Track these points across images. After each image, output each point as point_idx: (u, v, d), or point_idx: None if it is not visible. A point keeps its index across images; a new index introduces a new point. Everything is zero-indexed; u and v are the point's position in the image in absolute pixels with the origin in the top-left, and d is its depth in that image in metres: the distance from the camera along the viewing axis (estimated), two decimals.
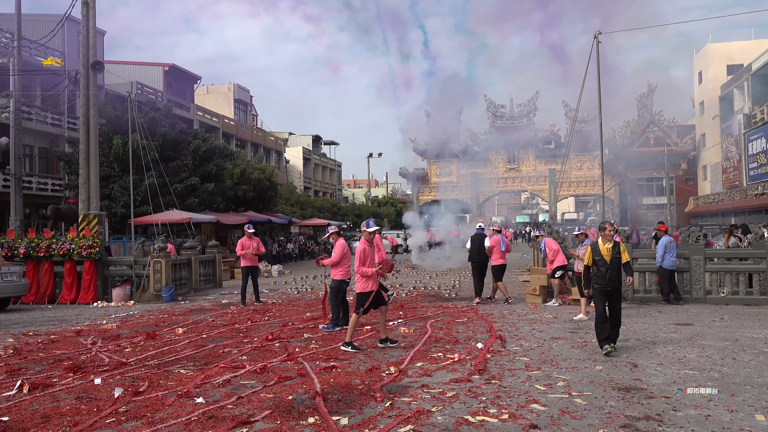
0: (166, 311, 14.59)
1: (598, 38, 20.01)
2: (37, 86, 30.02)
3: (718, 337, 9.76)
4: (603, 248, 8.78)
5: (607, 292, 8.76)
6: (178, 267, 18.41)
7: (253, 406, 6.25)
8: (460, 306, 14.09)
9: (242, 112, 55.86)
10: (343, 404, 6.23)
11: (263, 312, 13.79)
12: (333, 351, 9.01)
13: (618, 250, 8.75)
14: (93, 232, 17.78)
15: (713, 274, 14.25)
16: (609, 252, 8.73)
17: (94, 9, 18.47)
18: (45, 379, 7.53)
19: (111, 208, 26.45)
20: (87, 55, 18.56)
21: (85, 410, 6.20)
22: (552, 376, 7.33)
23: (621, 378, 7.17)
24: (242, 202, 34.91)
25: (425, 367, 7.84)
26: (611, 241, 8.86)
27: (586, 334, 10.12)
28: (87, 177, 18.41)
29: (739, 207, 40.52)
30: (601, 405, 6.10)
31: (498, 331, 10.51)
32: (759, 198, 37.75)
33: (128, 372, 7.88)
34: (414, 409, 5.99)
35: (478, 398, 6.39)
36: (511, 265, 21.81)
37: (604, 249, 8.77)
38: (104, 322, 12.96)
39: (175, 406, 6.24)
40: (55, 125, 30.77)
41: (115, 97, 30.74)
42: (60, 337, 11.03)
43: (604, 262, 8.73)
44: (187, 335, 10.72)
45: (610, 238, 8.86)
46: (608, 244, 8.80)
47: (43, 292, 17.21)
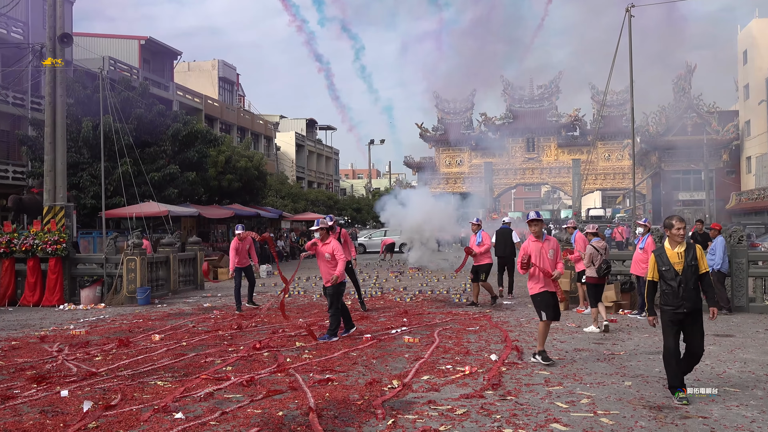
0: (141, 315, 14.62)
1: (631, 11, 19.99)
2: None
3: (762, 350, 9.77)
4: (671, 254, 7.18)
5: (681, 317, 7.15)
6: (154, 266, 18.44)
7: (239, 422, 6.26)
8: (472, 312, 14.09)
9: (228, 92, 55.91)
10: (339, 422, 6.25)
11: (250, 317, 13.82)
12: (328, 362, 9.03)
13: (693, 254, 7.13)
14: (59, 225, 17.80)
15: (758, 279, 14.23)
16: (681, 258, 7.12)
17: None
18: (5, 391, 7.55)
19: (80, 199, 26.50)
20: (54, 27, 18.56)
21: (50, 425, 6.22)
22: (575, 392, 7.34)
23: (653, 395, 7.18)
24: (227, 194, 34.99)
25: (432, 381, 7.85)
26: (682, 243, 7.27)
27: (613, 346, 10.13)
28: (53, 164, 18.43)
29: None
30: (630, 425, 6.11)
31: (514, 341, 10.51)
32: None
33: (99, 383, 7.90)
34: (420, 427, 6.00)
35: (491, 416, 6.40)
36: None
37: (674, 255, 7.17)
38: (72, 327, 12.99)
39: (152, 422, 6.26)
40: (17, 105, 30.81)
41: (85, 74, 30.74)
42: (22, 343, 11.05)
43: (674, 273, 7.11)
44: (165, 342, 10.75)
45: (680, 239, 7.26)
46: (679, 248, 7.20)
47: (2, 293, 17.24)
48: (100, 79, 24.55)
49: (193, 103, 45.69)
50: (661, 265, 7.23)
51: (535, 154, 62.12)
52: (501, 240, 16.96)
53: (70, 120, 23.86)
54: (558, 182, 63.65)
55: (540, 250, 9.09)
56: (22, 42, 30.64)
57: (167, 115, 31.43)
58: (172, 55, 46.47)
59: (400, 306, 15.44)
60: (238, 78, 59.21)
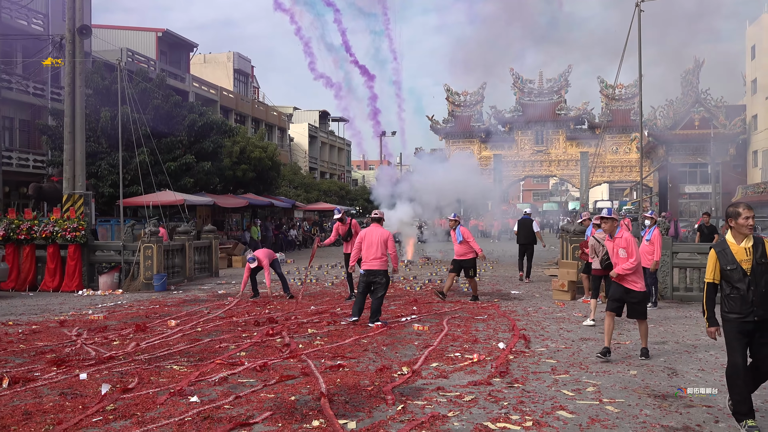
0: (158, 301, 14.71)
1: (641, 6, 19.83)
2: (18, 52, 30.15)
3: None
4: (737, 249, 5.79)
5: (750, 327, 5.68)
6: (170, 253, 18.52)
7: (252, 406, 6.30)
8: (480, 302, 14.10)
9: (242, 84, 55.89)
10: (350, 407, 6.27)
11: (263, 304, 13.88)
12: (339, 348, 9.06)
13: (763, 250, 5.75)
14: (78, 213, 17.91)
15: None
16: (749, 255, 5.74)
17: None
18: (26, 373, 7.62)
19: (98, 188, 26.62)
20: (73, 19, 18.62)
21: (69, 407, 6.28)
22: (581, 380, 7.34)
23: (658, 384, 7.17)
24: (241, 183, 35.04)
25: (441, 368, 7.86)
26: (749, 237, 5.87)
27: (619, 336, 10.11)
28: (72, 153, 18.53)
29: None
30: (635, 413, 6.10)
31: (522, 330, 10.52)
32: None
33: (116, 367, 7.96)
34: (428, 413, 6.02)
35: (499, 403, 6.41)
36: (537, 257, 21.82)
37: (740, 251, 5.78)
38: (90, 312, 13.09)
39: (168, 405, 6.31)
40: (37, 95, 30.92)
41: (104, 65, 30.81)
42: (42, 327, 11.15)
43: (741, 273, 5.70)
44: (181, 328, 10.82)
45: (748, 230, 5.88)
46: (746, 242, 5.81)
47: (23, 278, 17.39)
48: (118, 71, 24.57)
49: (209, 94, 45.70)
50: (725, 263, 5.78)
51: (543, 146, 61.79)
52: (522, 229, 18.82)
53: (88, 110, 23.94)
54: (566, 174, 63.33)
55: (613, 249, 8.88)
56: (43, 33, 30.73)
57: (183, 106, 31.47)
58: (188, 47, 46.47)
59: (410, 295, 15.49)
60: (253, 70, 59.15)
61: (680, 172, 56.65)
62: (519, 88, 61.57)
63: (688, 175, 56.87)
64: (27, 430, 5.64)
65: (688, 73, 56.08)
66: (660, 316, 12.14)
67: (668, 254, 14.37)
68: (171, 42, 44.22)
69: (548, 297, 14.98)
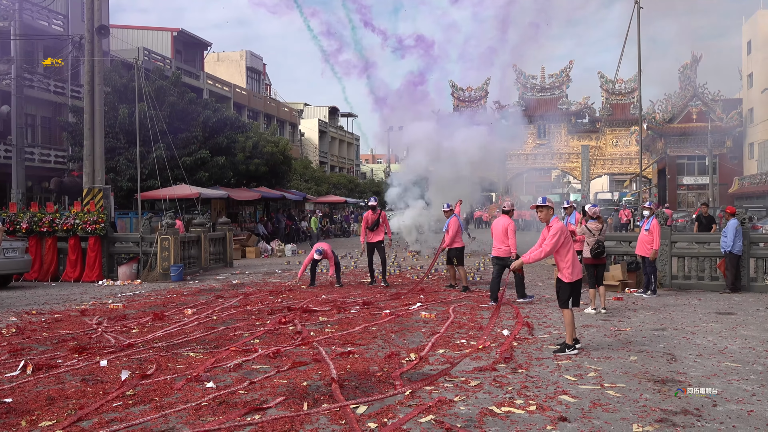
0: (175, 291, 14.75)
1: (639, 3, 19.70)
2: (40, 52, 30.22)
3: (762, 327, 9.67)
4: None
5: None
6: (186, 245, 18.57)
7: (266, 391, 6.31)
8: (485, 290, 14.07)
9: (255, 81, 55.89)
10: (360, 392, 6.27)
11: (276, 294, 13.90)
12: (349, 336, 9.07)
13: None
14: (98, 206, 17.96)
15: (759, 260, 14.07)
16: None
17: None
18: (49, 360, 7.66)
19: (117, 182, 26.72)
20: (92, 19, 18.62)
21: (90, 393, 6.30)
22: (583, 366, 7.31)
23: (657, 370, 7.14)
24: (254, 177, 35.08)
25: (447, 355, 7.86)
26: None
27: (619, 323, 10.08)
28: (92, 148, 18.57)
29: None
30: (635, 398, 6.08)
31: (525, 317, 10.49)
32: None
33: (135, 354, 7.99)
34: (436, 398, 6.01)
35: (503, 388, 6.40)
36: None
37: None
38: (110, 301, 13.14)
39: (185, 391, 6.33)
40: (58, 93, 31.01)
41: (121, 63, 30.89)
42: (64, 316, 11.21)
43: None
44: (197, 316, 10.85)
45: None
46: None
47: (46, 269, 17.47)
48: (135, 69, 24.61)
49: (222, 91, 45.71)
50: None
51: (545, 140, 61.62)
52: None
53: (107, 107, 24.00)
54: (567, 167, 63.14)
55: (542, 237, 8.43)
56: (63, 34, 30.79)
57: (198, 103, 31.53)
58: (202, 46, 46.50)
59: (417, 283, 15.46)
60: (265, 68, 59.12)
61: (678, 164, 56.55)
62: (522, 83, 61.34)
63: (686, 167, 56.73)
64: (50, 414, 5.67)
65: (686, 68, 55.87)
66: (659, 304, 12.10)
67: (667, 243, 14.30)
68: (186, 41, 44.25)
69: (551, 285, 14.89)
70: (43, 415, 5.64)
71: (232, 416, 5.52)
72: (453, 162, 25.18)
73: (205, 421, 5.44)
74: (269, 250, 26.68)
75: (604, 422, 5.39)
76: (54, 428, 5.28)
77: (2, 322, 10.70)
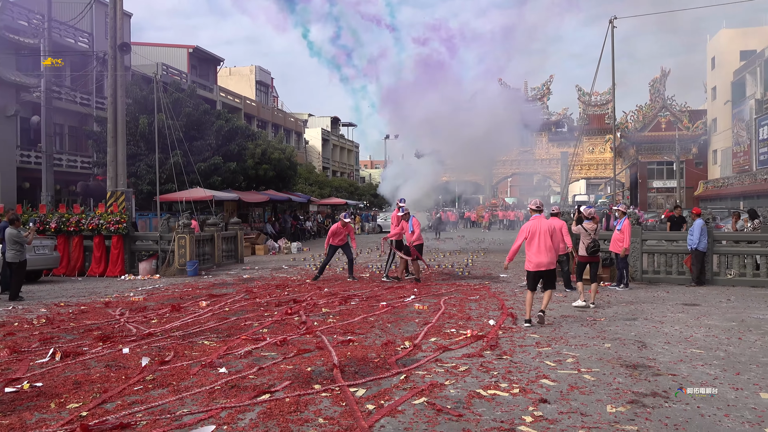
0: (190, 285, 14.74)
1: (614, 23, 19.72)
2: (67, 67, 30.15)
3: (724, 317, 9.70)
4: None
5: None
6: (201, 243, 18.55)
7: (273, 376, 6.32)
8: (473, 284, 14.09)
9: (263, 94, 55.80)
10: (359, 376, 6.28)
11: (283, 287, 13.89)
12: (349, 325, 9.07)
13: None
14: (120, 208, 17.95)
15: (722, 256, 14.11)
16: None
17: None
18: (76, 348, 7.66)
19: (137, 186, 26.66)
20: (114, 37, 18.61)
21: (114, 378, 6.30)
22: (561, 352, 7.33)
23: (629, 356, 7.16)
24: (263, 181, 35.03)
25: (439, 342, 7.86)
26: None
27: (595, 313, 10.10)
28: (114, 155, 18.55)
29: (747, 191, 40.02)
30: (609, 381, 6.10)
31: (509, 308, 10.51)
32: None
33: (154, 342, 7.99)
34: (428, 382, 6.02)
35: (489, 373, 6.41)
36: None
37: None
38: (131, 294, 13.12)
39: (200, 376, 6.33)
40: (84, 105, 30.94)
41: (142, 78, 30.82)
42: (90, 308, 11.20)
43: None
44: (211, 308, 10.84)
45: None
46: None
47: (73, 265, 17.45)
48: (154, 83, 24.57)
49: (234, 103, 45.63)
50: None
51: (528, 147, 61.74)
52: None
53: (129, 118, 23.96)
54: (548, 172, 63.27)
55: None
56: (88, 50, 30.74)
57: (212, 113, 31.47)
58: (215, 62, 46.40)
59: None
60: (272, 81, 59.03)
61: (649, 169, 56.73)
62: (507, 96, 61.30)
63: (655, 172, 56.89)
64: (77, 397, 5.67)
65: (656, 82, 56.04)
66: (631, 296, 12.12)
67: (638, 241, 14.33)
68: (200, 57, 44.17)
69: None
70: (70, 398, 5.64)
71: (243, 399, 5.53)
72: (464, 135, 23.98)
73: (218, 403, 5.45)
74: (276, 248, 26.67)
75: (581, 404, 5.40)
76: (80, 410, 5.28)
77: (33, 313, 10.70)
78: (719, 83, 51.55)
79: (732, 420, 5.01)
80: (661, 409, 5.27)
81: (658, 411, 5.21)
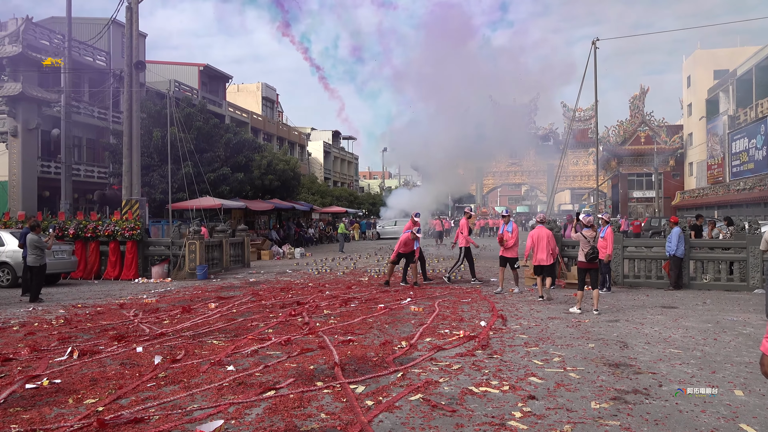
0: (200, 288, 14.71)
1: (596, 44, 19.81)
2: (86, 83, 30.19)
3: (700, 319, 9.70)
4: None
5: None
6: (210, 248, 18.53)
7: (278, 374, 6.30)
8: (465, 288, 14.08)
9: (269, 109, 55.84)
10: (359, 374, 6.26)
11: (287, 290, 13.87)
12: (350, 326, 9.05)
13: None
14: (135, 215, 17.92)
15: (697, 261, 14.14)
16: None
17: (136, 13, 18.53)
18: (92, 347, 7.63)
19: (151, 194, 26.63)
20: (130, 56, 18.63)
21: (128, 375, 6.28)
22: (548, 352, 7.32)
23: (611, 355, 7.16)
24: (268, 191, 35.03)
25: (433, 342, 7.85)
26: None
27: (580, 314, 10.10)
28: (129, 166, 18.53)
29: (721, 201, 40.15)
30: (593, 379, 6.09)
31: (500, 311, 10.50)
32: (740, 193, 37.38)
33: (166, 342, 7.96)
34: (423, 379, 6.01)
35: (481, 371, 6.40)
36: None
37: None
38: (144, 296, 13.09)
39: (209, 373, 6.31)
40: (101, 119, 30.94)
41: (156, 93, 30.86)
42: (105, 309, 11.17)
43: None
44: (219, 309, 10.81)
45: None
46: None
47: (90, 269, 17.41)
48: (167, 98, 24.60)
49: (242, 117, 45.64)
50: None
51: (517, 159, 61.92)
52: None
53: (143, 131, 23.97)
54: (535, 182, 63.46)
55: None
56: (105, 68, 30.77)
57: (221, 127, 31.48)
58: (224, 79, 46.45)
59: None
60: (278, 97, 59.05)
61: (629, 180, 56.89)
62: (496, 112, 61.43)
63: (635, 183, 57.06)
64: (93, 393, 5.64)
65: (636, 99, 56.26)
66: (613, 299, 12.13)
67: (620, 248, 14.35)
68: (210, 74, 44.22)
69: (521, 284, 14.91)
70: (87, 394, 5.62)
71: (250, 395, 5.51)
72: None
73: (226, 399, 5.43)
74: (281, 253, 26.63)
75: (566, 400, 5.39)
76: (97, 405, 5.26)
77: (52, 314, 10.66)
78: (694, 100, 51.80)
79: (708, 416, 5.01)
80: (642, 405, 5.26)
81: (640, 407, 5.20)
